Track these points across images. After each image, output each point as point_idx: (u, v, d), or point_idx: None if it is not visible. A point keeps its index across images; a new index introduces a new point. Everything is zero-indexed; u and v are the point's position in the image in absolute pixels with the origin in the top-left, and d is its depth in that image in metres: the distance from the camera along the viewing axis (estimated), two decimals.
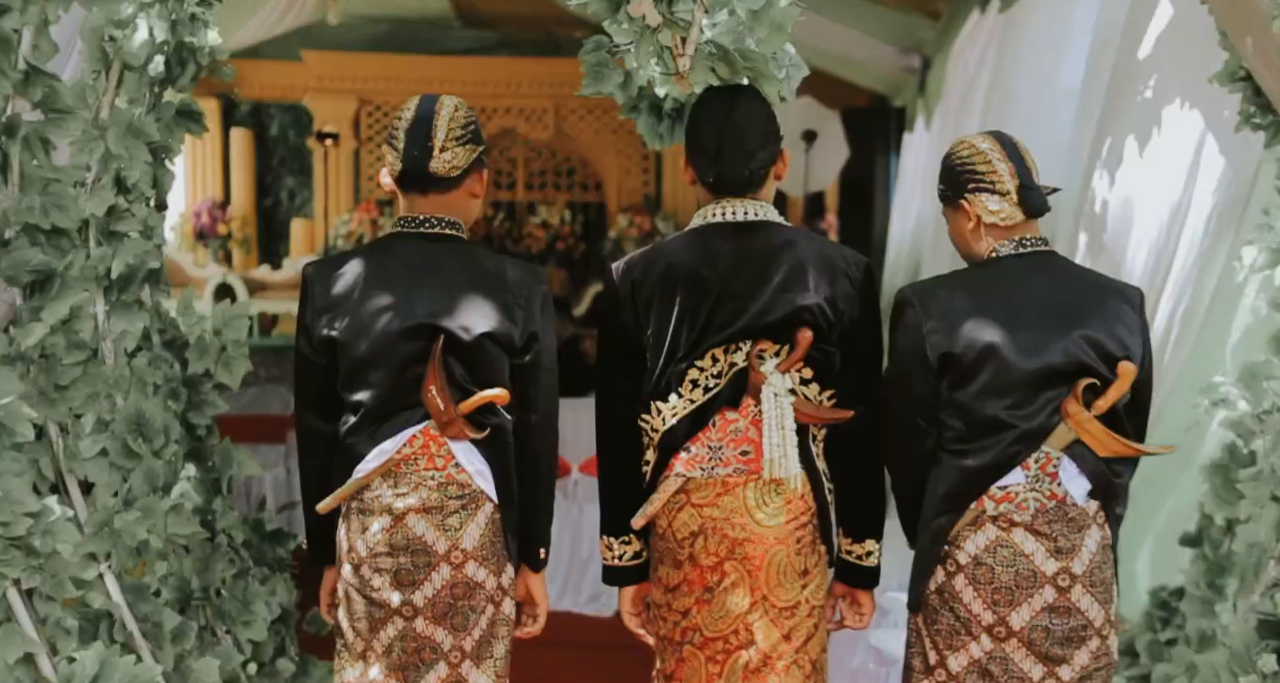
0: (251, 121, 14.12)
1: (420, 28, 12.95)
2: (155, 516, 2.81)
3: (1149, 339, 2.46)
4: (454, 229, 2.64)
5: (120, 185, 2.94)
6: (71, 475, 2.77)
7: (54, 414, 2.73)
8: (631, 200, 13.21)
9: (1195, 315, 3.31)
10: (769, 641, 2.57)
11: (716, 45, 2.44)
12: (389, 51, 13.10)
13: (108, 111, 2.96)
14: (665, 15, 2.36)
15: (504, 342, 2.54)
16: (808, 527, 2.59)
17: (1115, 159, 3.57)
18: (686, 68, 2.42)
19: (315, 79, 13.20)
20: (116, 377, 2.87)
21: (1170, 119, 3.47)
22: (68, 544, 2.59)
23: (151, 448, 2.88)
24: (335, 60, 13.11)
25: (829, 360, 2.57)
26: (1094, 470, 2.42)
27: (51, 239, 2.73)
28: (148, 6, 2.99)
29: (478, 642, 2.58)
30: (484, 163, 2.68)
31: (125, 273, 2.92)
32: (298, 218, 13.81)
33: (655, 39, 2.39)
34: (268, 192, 14.20)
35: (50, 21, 2.76)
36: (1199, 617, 2.95)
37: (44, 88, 2.73)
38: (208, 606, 3.00)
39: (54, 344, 2.71)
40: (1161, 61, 3.48)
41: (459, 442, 2.55)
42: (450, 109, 2.61)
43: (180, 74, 3.10)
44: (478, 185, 2.67)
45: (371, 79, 13.21)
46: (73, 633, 2.65)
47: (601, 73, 2.93)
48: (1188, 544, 3.10)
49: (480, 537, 2.56)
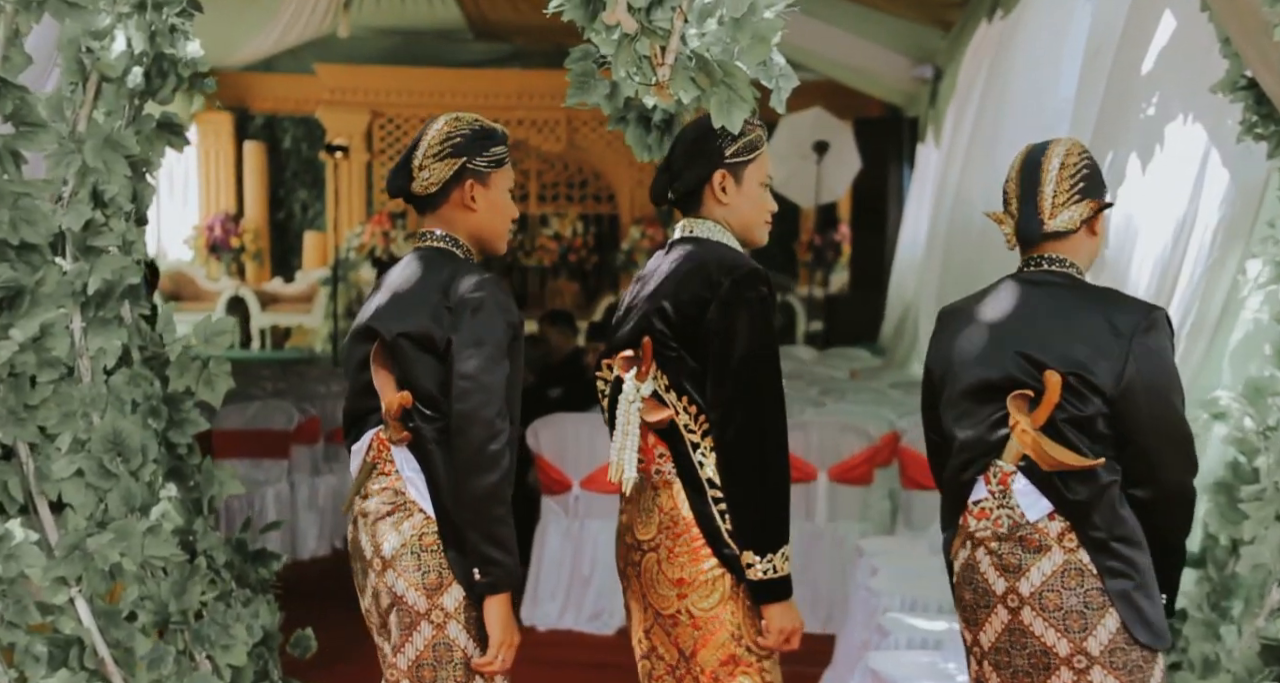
0: (264, 135, 14.16)
1: (432, 40, 12.96)
2: (130, 537, 2.75)
3: (1145, 355, 2.33)
4: (445, 242, 2.64)
5: (98, 199, 2.89)
6: (42, 497, 2.71)
7: (23, 434, 2.67)
8: (644, 212, 13.18)
9: (1202, 332, 3.24)
10: (669, 651, 2.61)
11: (695, 55, 2.37)
12: (401, 64, 13.12)
13: (85, 124, 2.91)
14: (644, 24, 2.30)
15: (421, 341, 2.51)
16: (681, 536, 2.58)
17: (1117, 175, 3.51)
18: (666, 78, 2.35)
19: (328, 92, 13.23)
20: (93, 395, 2.82)
21: (1173, 135, 3.42)
22: (35, 568, 2.53)
23: (129, 468, 2.83)
24: (348, 73, 13.15)
25: (678, 367, 2.60)
26: (1045, 486, 2.34)
27: (22, 255, 2.68)
28: (126, 17, 2.94)
29: (415, 664, 2.50)
30: (474, 172, 2.64)
31: (103, 288, 2.87)
32: (310, 231, 13.83)
33: (634, 48, 2.32)
34: (280, 204, 14.22)
35: (21, 33, 2.72)
36: (1202, 641, 2.86)
37: (14, 100, 2.69)
38: (186, 629, 2.94)
39: (24, 362, 2.65)
40: (1163, 78, 3.42)
41: (399, 447, 2.54)
42: (435, 127, 2.64)
43: (161, 86, 3.04)
44: (469, 196, 2.64)
45: (384, 92, 13.23)
46: (42, 660, 2.59)
47: (587, 83, 2.86)
48: (1191, 565, 3.02)
49: (401, 546, 2.50)
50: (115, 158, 2.91)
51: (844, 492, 5.43)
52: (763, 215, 2.72)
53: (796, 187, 10.69)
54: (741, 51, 2.39)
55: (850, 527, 5.40)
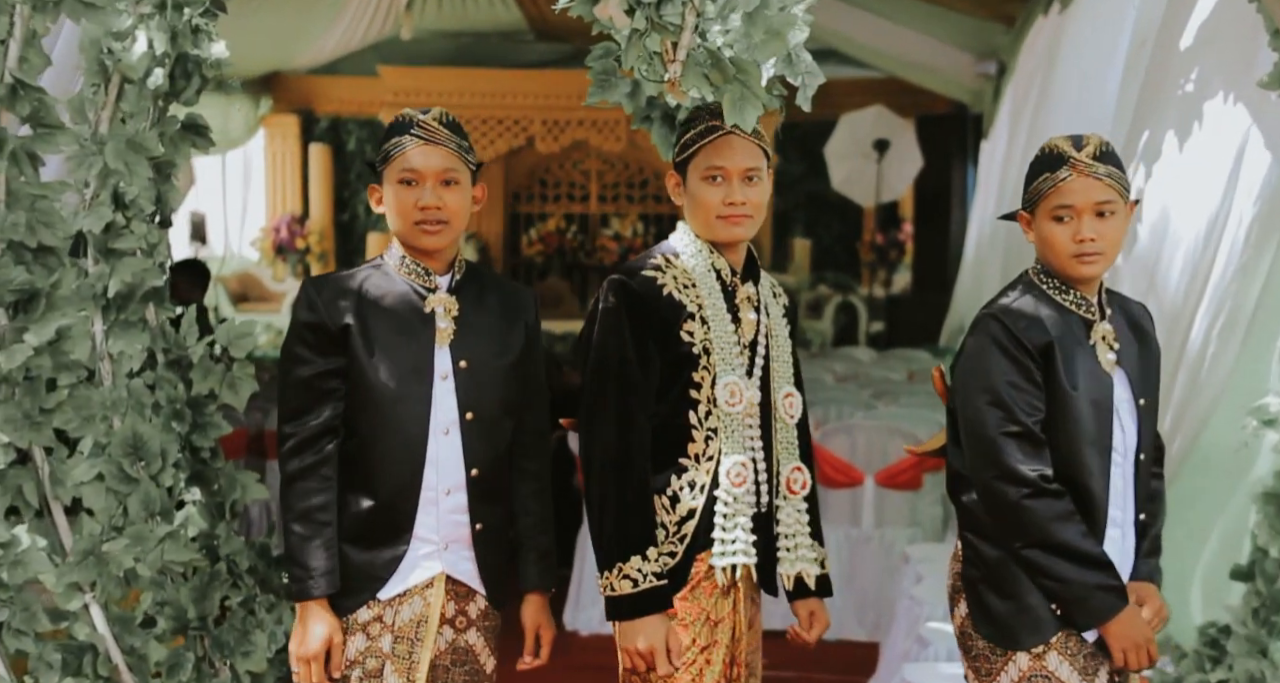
0: (329, 137, 14.26)
1: (494, 41, 12.97)
2: (145, 542, 2.73)
3: (961, 354, 2.53)
4: (386, 249, 2.73)
5: (119, 201, 2.88)
6: (57, 502, 2.70)
7: (39, 438, 2.66)
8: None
9: (1235, 330, 3.13)
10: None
11: (709, 51, 2.30)
12: (463, 66, 13.14)
13: (107, 126, 2.90)
14: (654, 19, 2.23)
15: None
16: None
17: (1153, 153, 3.39)
18: (678, 75, 2.28)
19: (391, 94, 13.28)
20: (114, 399, 2.80)
21: (1212, 113, 3.30)
22: (47, 574, 2.52)
23: (149, 472, 2.81)
24: (410, 75, 13.19)
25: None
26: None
27: (39, 257, 2.67)
28: (147, 18, 2.93)
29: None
30: (378, 173, 2.65)
31: (124, 291, 2.85)
32: (374, 232, 13.89)
33: (644, 44, 2.26)
34: (345, 206, 14.31)
35: (39, 34, 2.71)
36: (1247, 657, 2.74)
37: (32, 102, 2.68)
38: (206, 635, 2.92)
39: (40, 366, 2.64)
40: (1203, 54, 3.31)
41: None
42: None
43: (184, 87, 3.03)
44: (377, 198, 2.66)
45: (445, 93, 13.25)
46: (55, 667, 2.58)
47: (609, 81, 2.81)
48: (1239, 578, 2.90)
49: None
50: (137, 159, 2.89)
51: (892, 497, 5.33)
52: (711, 210, 2.61)
53: (857, 186, 10.57)
54: (756, 47, 2.31)
55: (898, 533, 5.30)
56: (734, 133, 2.60)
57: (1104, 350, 2.50)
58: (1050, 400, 2.45)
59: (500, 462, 2.65)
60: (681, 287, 2.61)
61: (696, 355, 2.58)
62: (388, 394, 2.55)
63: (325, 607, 2.56)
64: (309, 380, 2.58)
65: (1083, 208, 2.44)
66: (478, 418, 2.60)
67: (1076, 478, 2.45)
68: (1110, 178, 2.44)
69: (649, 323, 2.58)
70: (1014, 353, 2.44)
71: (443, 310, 2.62)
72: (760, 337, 2.67)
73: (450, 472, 2.59)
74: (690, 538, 2.58)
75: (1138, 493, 2.52)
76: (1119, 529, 2.51)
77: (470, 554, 2.61)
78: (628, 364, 2.56)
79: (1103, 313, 2.53)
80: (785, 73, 2.66)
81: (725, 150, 2.60)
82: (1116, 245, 2.49)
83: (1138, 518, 2.52)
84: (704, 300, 2.61)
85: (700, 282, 2.63)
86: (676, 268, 2.63)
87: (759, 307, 2.69)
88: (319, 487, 2.56)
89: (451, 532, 2.60)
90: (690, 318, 2.59)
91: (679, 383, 2.59)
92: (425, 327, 2.60)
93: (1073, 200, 2.44)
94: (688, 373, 2.58)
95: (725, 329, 2.61)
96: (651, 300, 2.59)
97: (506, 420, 2.65)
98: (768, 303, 2.73)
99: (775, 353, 2.70)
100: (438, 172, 2.59)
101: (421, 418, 2.56)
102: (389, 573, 2.56)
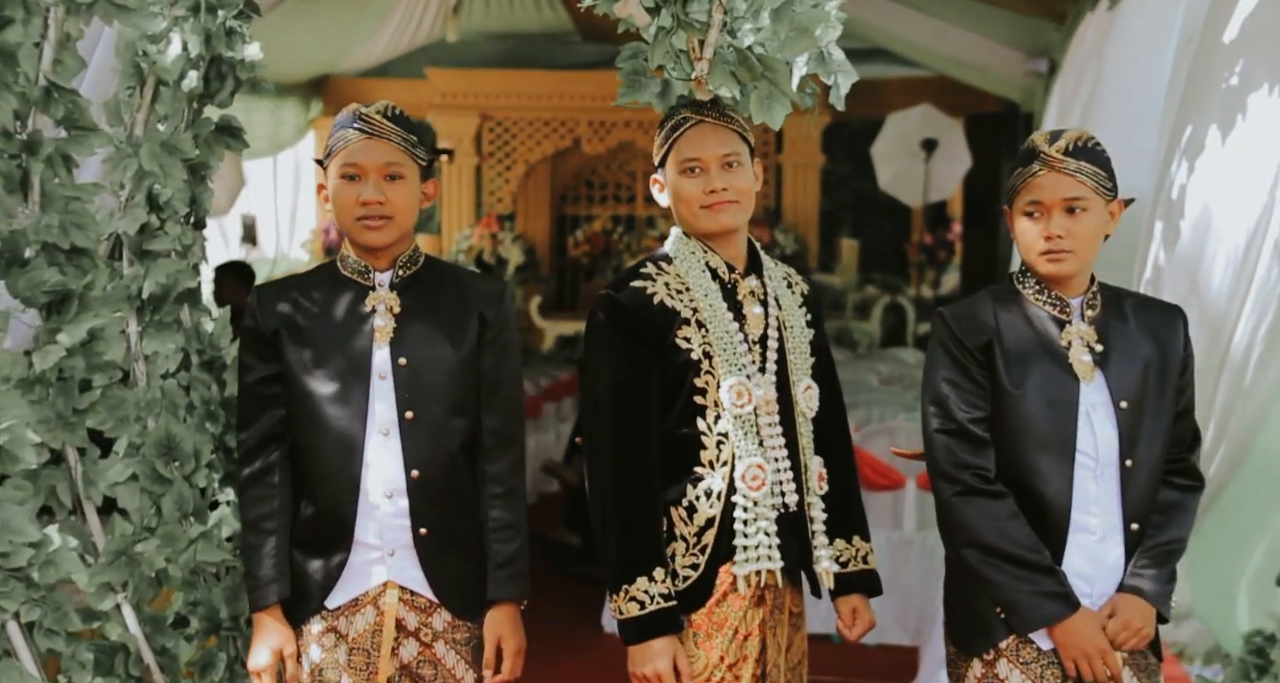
0: None
1: (540, 43, 13.00)
2: (177, 543, 2.74)
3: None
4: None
5: (153, 203, 2.89)
6: (89, 502, 2.71)
7: (72, 439, 2.67)
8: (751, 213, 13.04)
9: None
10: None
11: (736, 50, 2.28)
12: (511, 68, 13.18)
13: (142, 128, 2.92)
14: (680, 17, 2.21)
15: None
16: None
17: (1196, 147, 3.32)
18: (704, 72, 2.26)
19: (439, 96, 13.35)
20: (148, 399, 2.82)
21: (1256, 107, 3.22)
22: (81, 574, 2.53)
23: (183, 472, 2.82)
24: (458, 77, 13.25)
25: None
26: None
27: (72, 259, 2.69)
28: (181, 21, 2.94)
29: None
30: (325, 168, 2.68)
31: (158, 292, 2.86)
32: (421, 233, 13.95)
33: (669, 42, 2.24)
34: None
35: (73, 37, 2.72)
36: None
37: (66, 104, 2.69)
38: (238, 636, 2.92)
39: (72, 367, 2.66)
40: (1247, 47, 3.23)
41: None
42: None
43: (219, 89, 3.04)
44: (325, 194, 2.72)
45: (493, 95, 13.31)
46: (87, 666, 2.59)
47: (639, 81, 2.79)
48: None
49: None
50: (172, 161, 2.90)
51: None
52: (694, 202, 2.55)
53: (904, 185, 10.49)
54: (784, 45, 2.29)
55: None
56: (706, 121, 2.52)
57: (1080, 352, 2.44)
58: (994, 400, 2.42)
59: (449, 464, 2.55)
60: (674, 293, 2.53)
61: (697, 361, 2.51)
62: (323, 396, 2.51)
63: (276, 616, 2.53)
64: (252, 387, 2.59)
65: (1051, 203, 2.40)
66: (419, 418, 2.52)
67: (1024, 480, 2.40)
68: (1082, 173, 2.39)
69: (640, 335, 2.50)
70: (953, 351, 2.43)
71: (383, 308, 2.57)
72: (770, 331, 2.58)
73: (390, 475, 2.52)
74: (711, 548, 2.49)
75: (1126, 501, 2.42)
76: (1091, 536, 2.42)
77: (416, 561, 2.52)
78: (621, 381, 2.49)
79: (1083, 314, 2.47)
80: (818, 71, 2.63)
81: (697, 140, 2.52)
82: (1088, 244, 2.42)
83: (1128, 527, 2.43)
84: (699, 303, 2.53)
85: (694, 284, 2.55)
86: (668, 274, 2.56)
87: (766, 300, 2.60)
88: (264, 494, 2.55)
89: (395, 538, 2.52)
90: (685, 323, 2.52)
91: (683, 391, 2.51)
92: (363, 325, 2.56)
93: (1041, 196, 2.40)
94: (690, 380, 2.50)
95: (726, 329, 2.53)
96: (641, 311, 2.51)
97: (456, 420, 2.55)
98: (778, 294, 2.63)
99: (791, 345, 2.61)
100: (380, 166, 2.55)
101: (357, 419, 2.51)
102: (333, 581, 2.52)
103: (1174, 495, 2.49)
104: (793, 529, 2.56)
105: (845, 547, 2.66)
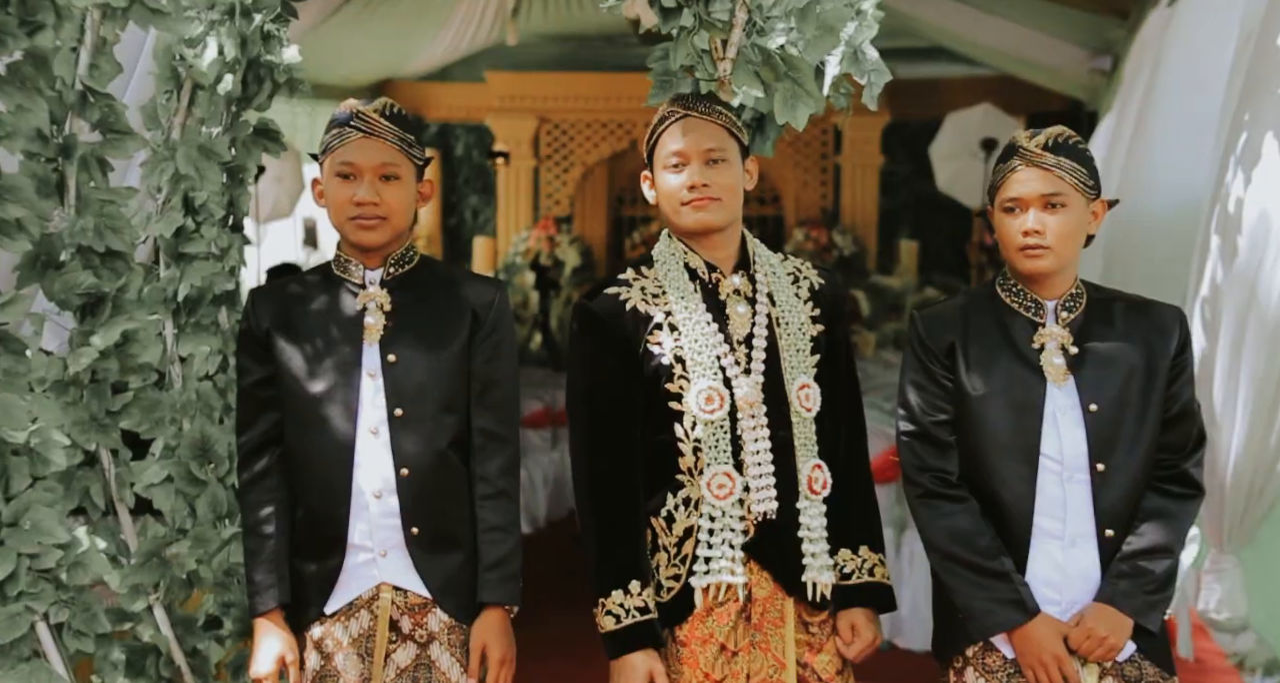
0: (438, 142, 14.41)
1: (597, 45, 12.99)
2: (209, 544, 2.76)
3: None
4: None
5: (189, 206, 2.91)
6: (122, 504, 2.73)
7: (106, 441, 2.69)
8: (809, 214, 12.96)
9: None
10: None
11: (761, 50, 2.25)
12: (568, 70, 13.20)
13: (179, 131, 2.94)
14: (702, 16, 2.19)
15: None
16: None
17: (1252, 156, 3.22)
18: (727, 72, 2.23)
19: (497, 99, 13.40)
20: (183, 401, 2.84)
21: None
22: (113, 576, 2.55)
23: (217, 474, 2.84)
24: (516, 80, 13.29)
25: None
26: None
27: (106, 261, 2.71)
28: (217, 24, 2.96)
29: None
30: (321, 166, 2.69)
31: (193, 295, 2.88)
32: (480, 236, 14.01)
33: (691, 42, 2.21)
34: (452, 210, 14.45)
35: (109, 41, 2.74)
36: None
37: (102, 108, 2.72)
38: None
39: (106, 369, 2.68)
40: None
41: None
42: None
43: (257, 92, 3.05)
44: (319, 192, 2.72)
45: (550, 97, 13.34)
46: (119, 667, 2.61)
47: (670, 82, 2.77)
48: None
49: None
50: (209, 165, 2.92)
51: None
52: (675, 197, 2.47)
53: (963, 186, 10.36)
54: (808, 44, 2.25)
55: None
56: (692, 115, 2.44)
57: (1052, 354, 2.38)
58: (956, 402, 2.39)
59: (440, 461, 2.52)
60: (649, 297, 2.48)
61: (669, 366, 2.44)
62: (313, 395, 2.50)
63: (277, 622, 2.52)
64: (249, 390, 2.58)
65: (1029, 199, 2.35)
66: (409, 415, 2.50)
67: (984, 483, 2.36)
68: (1060, 169, 2.34)
69: (612, 342, 2.45)
70: (919, 354, 2.42)
71: (374, 306, 2.56)
72: (757, 329, 2.48)
73: (380, 473, 2.50)
74: (691, 559, 2.41)
75: (1099, 507, 2.35)
76: (1058, 541, 2.36)
77: (409, 562, 2.50)
78: (595, 391, 2.45)
79: (1057, 316, 2.41)
80: (851, 71, 2.60)
81: (681, 134, 2.45)
82: (1067, 242, 2.37)
83: (1102, 534, 2.36)
84: (674, 307, 2.46)
85: (671, 287, 2.48)
86: (645, 279, 2.51)
87: (755, 297, 2.52)
88: (261, 498, 2.54)
89: (386, 538, 2.51)
90: (658, 328, 2.45)
91: (659, 397, 2.45)
92: (354, 324, 2.55)
93: (1019, 192, 2.36)
94: (664, 385, 2.44)
95: (701, 332, 2.45)
96: (613, 318, 2.47)
97: (446, 417, 2.53)
98: (774, 291, 2.54)
99: (786, 343, 2.50)
100: (376, 166, 2.53)
101: (348, 417, 2.49)
102: (330, 585, 2.51)
103: (1160, 502, 2.39)
104: (775, 538, 2.45)
105: (850, 557, 2.53)
